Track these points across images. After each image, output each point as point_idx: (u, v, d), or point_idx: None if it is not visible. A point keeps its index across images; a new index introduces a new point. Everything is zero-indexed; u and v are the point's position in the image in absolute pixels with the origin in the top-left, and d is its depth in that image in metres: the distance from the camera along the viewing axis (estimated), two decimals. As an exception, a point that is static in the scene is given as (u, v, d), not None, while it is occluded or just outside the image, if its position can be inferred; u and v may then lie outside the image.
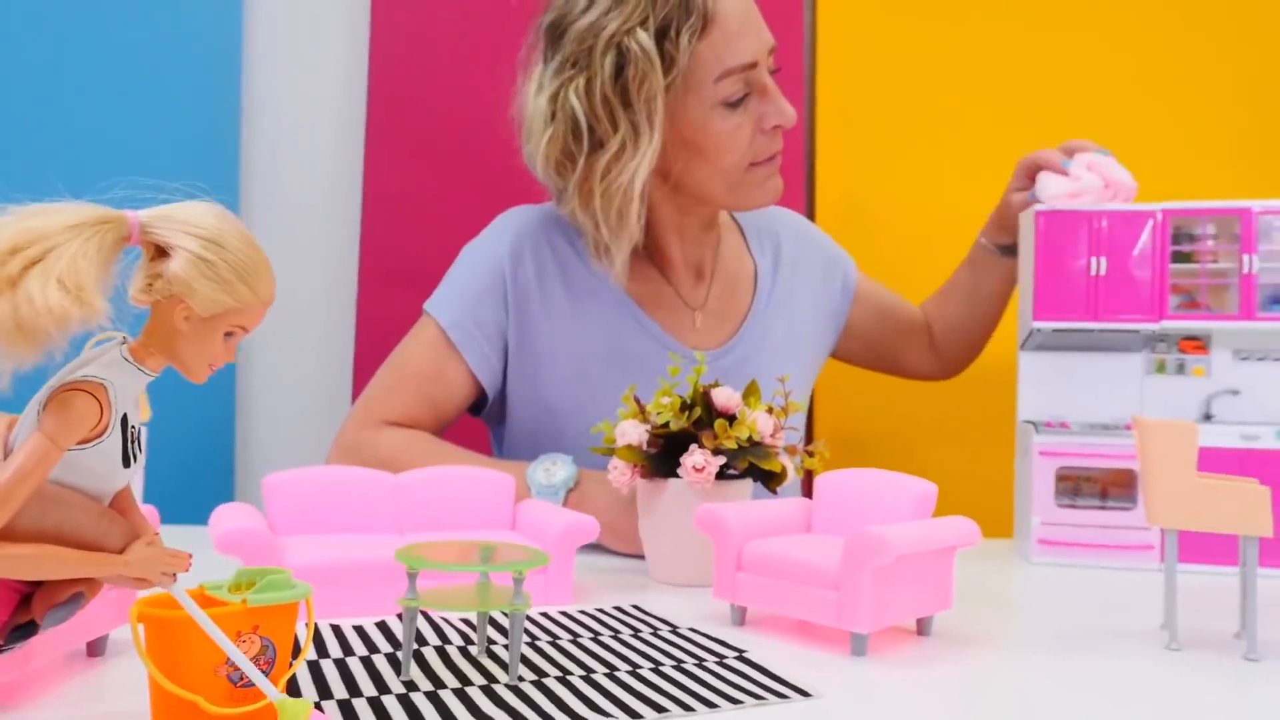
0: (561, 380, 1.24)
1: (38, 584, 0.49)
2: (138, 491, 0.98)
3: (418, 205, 1.63)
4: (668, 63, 1.14)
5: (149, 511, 0.71)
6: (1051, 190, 1.20)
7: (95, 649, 0.69)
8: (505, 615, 0.81)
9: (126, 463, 0.49)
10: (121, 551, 0.48)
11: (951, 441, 1.60)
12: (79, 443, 0.46)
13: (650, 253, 1.30)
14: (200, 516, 1.23)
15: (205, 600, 0.56)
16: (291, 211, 1.67)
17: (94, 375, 0.46)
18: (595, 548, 1.11)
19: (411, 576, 0.65)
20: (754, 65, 1.17)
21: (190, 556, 0.51)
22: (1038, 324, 1.17)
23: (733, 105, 1.18)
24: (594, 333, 1.25)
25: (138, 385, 0.48)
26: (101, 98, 1.54)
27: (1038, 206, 1.19)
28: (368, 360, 1.62)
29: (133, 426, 0.48)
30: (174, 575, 0.50)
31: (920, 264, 1.58)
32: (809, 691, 0.64)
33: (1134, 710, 0.64)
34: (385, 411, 1.24)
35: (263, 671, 0.54)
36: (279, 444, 1.67)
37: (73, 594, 0.49)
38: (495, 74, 1.63)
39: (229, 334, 0.49)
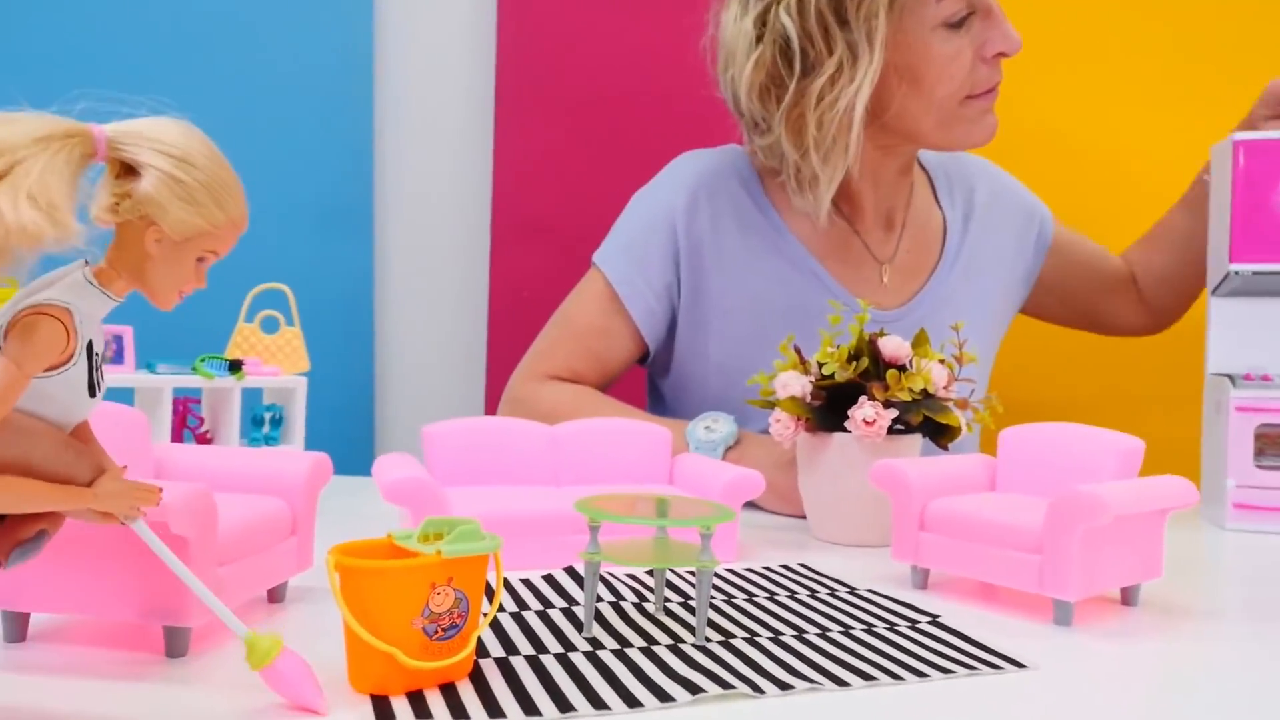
0: (733, 338, 1.19)
1: (1, 517, 0.46)
2: (297, 442, 0.98)
3: (549, 157, 1.60)
4: None
5: (322, 460, 0.71)
6: None
7: (275, 595, 0.68)
8: (686, 572, 0.78)
9: (92, 391, 0.46)
10: (89, 485, 0.45)
11: (1121, 397, 1.50)
12: (45, 370, 0.43)
13: (839, 200, 1.20)
14: (344, 467, 1.25)
15: (395, 550, 0.54)
16: (424, 165, 1.66)
17: (58, 299, 0.43)
18: (748, 504, 1.07)
19: (594, 529, 0.62)
20: None
21: (161, 490, 0.48)
22: (1234, 266, 1.06)
23: (954, 26, 1.08)
24: (770, 288, 1.19)
25: (102, 310, 0.45)
26: (236, 63, 1.55)
27: (1238, 135, 1.08)
28: (502, 312, 1.61)
29: (97, 354, 0.46)
30: (141, 510, 0.48)
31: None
32: (1023, 663, 0.59)
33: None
34: (550, 366, 1.22)
35: (455, 625, 0.52)
36: (417, 395, 1.69)
37: (37, 531, 0.46)
38: (626, 21, 1.59)
39: (200, 259, 0.46)
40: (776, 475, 1.02)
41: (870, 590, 0.76)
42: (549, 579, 0.76)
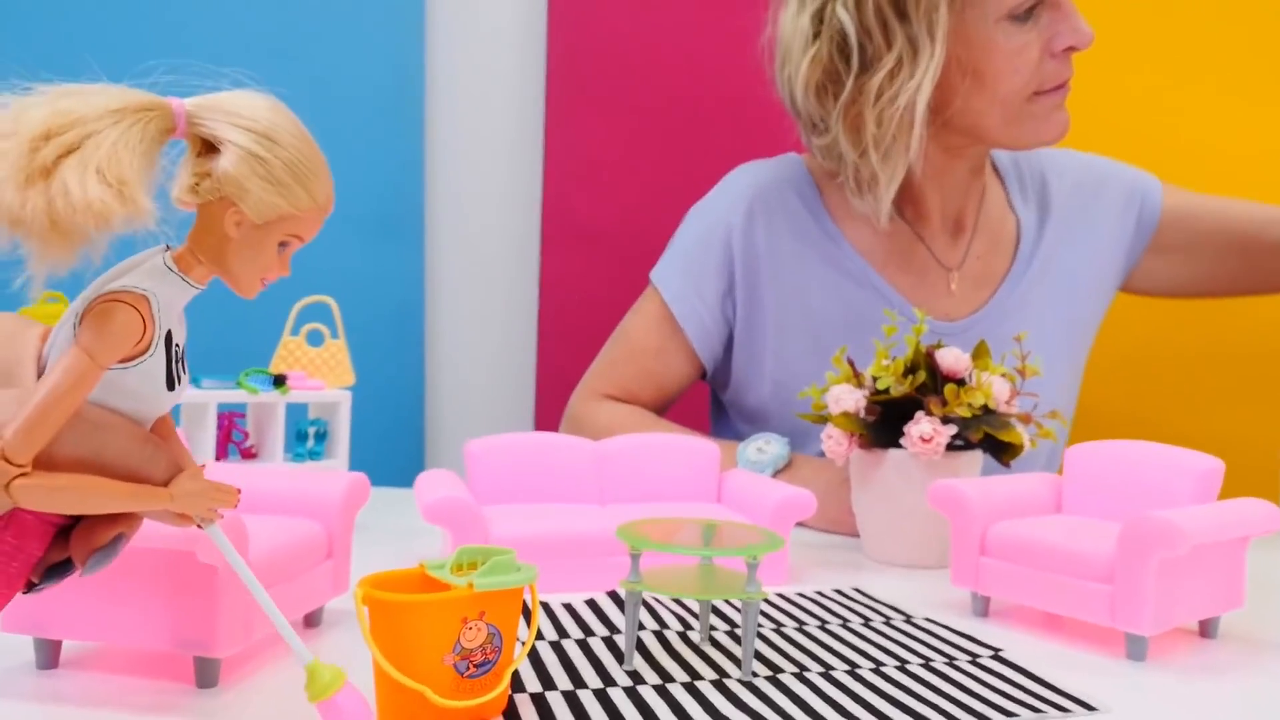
0: (790, 353, 1.16)
1: (76, 519, 0.43)
2: (341, 457, 0.97)
3: (599, 162, 1.58)
4: None
5: (359, 481, 0.69)
6: None
7: (312, 620, 0.67)
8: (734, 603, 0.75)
9: (171, 385, 0.42)
10: (166, 484, 0.42)
11: (1187, 404, 1.43)
12: (120, 361, 0.40)
13: (901, 204, 1.15)
14: (393, 478, 1.24)
15: (428, 582, 0.52)
16: (474, 171, 1.65)
17: (135, 286, 0.40)
18: (799, 523, 1.04)
19: (634, 557, 0.60)
20: None
21: (239, 492, 0.45)
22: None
23: (1020, 19, 1.04)
24: (826, 301, 1.15)
25: (183, 298, 0.42)
26: (290, 73, 1.56)
27: None
28: (552, 319, 1.60)
29: (177, 345, 0.42)
30: (220, 513, 0.44)
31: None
32: (1093, 704, 0.55)
33: None
34: (607, 385, 1.20)
35: (489, 661, 0.50)
36: (467, 404, 1.68)
37: (115, 535, 0.43)
38: (679, 23, 1.56)
39: (283, 243, 0.42)
40: (828, 498, 0.98)
41: (928, 619, 0.72)
42: (591, 604, 0.74)
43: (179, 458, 0.43)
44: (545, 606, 0.73)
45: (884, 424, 0.90)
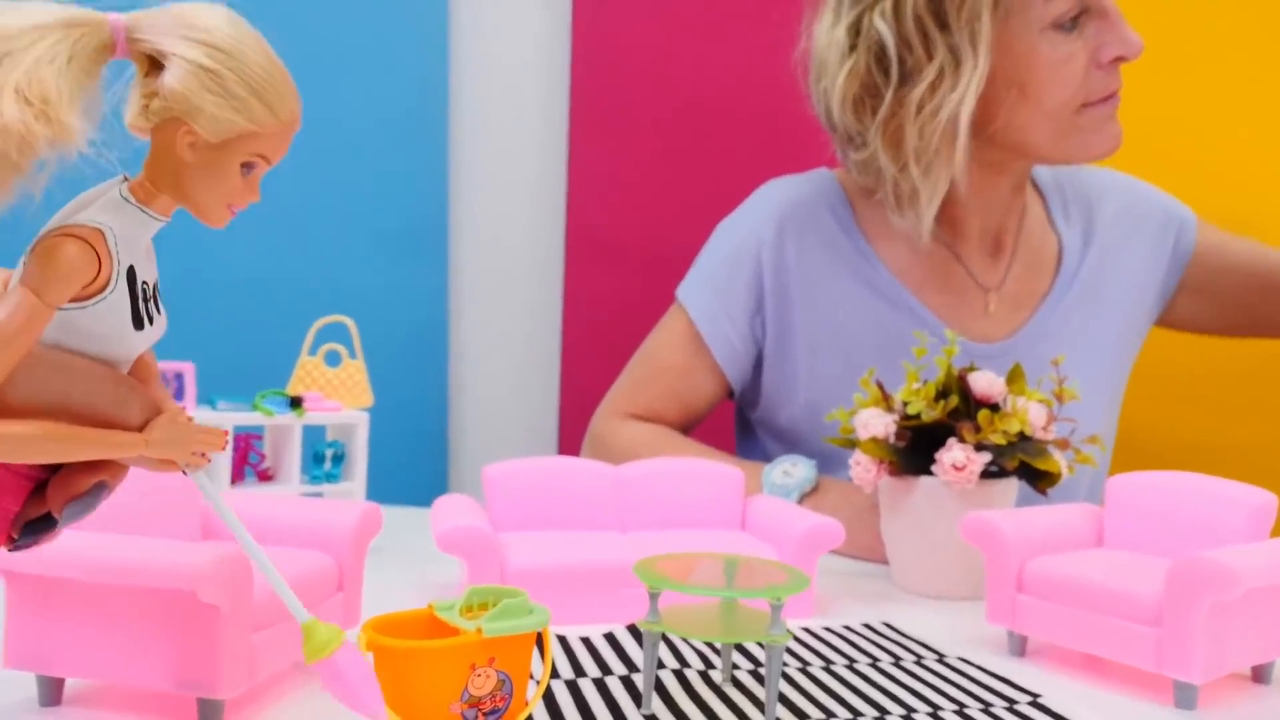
0: (821, 375, 1.12)
1: (53, 470, 0.40)
2: (359, 480, 0.96)
3: (624, 178, 1.56)
4: None
5: (371, 511, 0.67)
6: None
7: (321, 655, 0.65)
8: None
9: (139, 324, 0.39)
10: (142, 428, 0.39)
11: (1233, 428, 1.38)
12: (75, 300, 0.37)
13: (939, 222, 1.11)
14: (416, 498, 1.23)
15: (436, 625, 0.50)
16: (498, 187, 1.64)
17: (89, 220, 0.37)
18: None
19: (653, 596, 0.57)
20: None
21: (227, 434, 0.41)
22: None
23: (1065, 28, 1.00)
24: (859, 321, 1.12)
25: (146, 232, 0.39)
26: (311, 83, 1.55)
27: None
28: (576, 336, 1.58)
29: (144, 282, 0.39)
30: (206, 456, 0.41)
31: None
32: (1140, 761, 0.52)
33: None
34: (631, 404, 1.17)
35: (498, 709, 0.48)
36: (490, 421, 1.66)
37: (94, 484, 0.40)
38: (704, 35, 1.54)
39: (247, 164, 0.39)
40: (856, 525, 0.95)
41: (961, 659, 0.69)
42: (609, 638, 0.71)
43: (159, 399, 0.40)
44: (562, 641, 0.70)
45: (914, 450, 0.87)
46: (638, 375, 1.19)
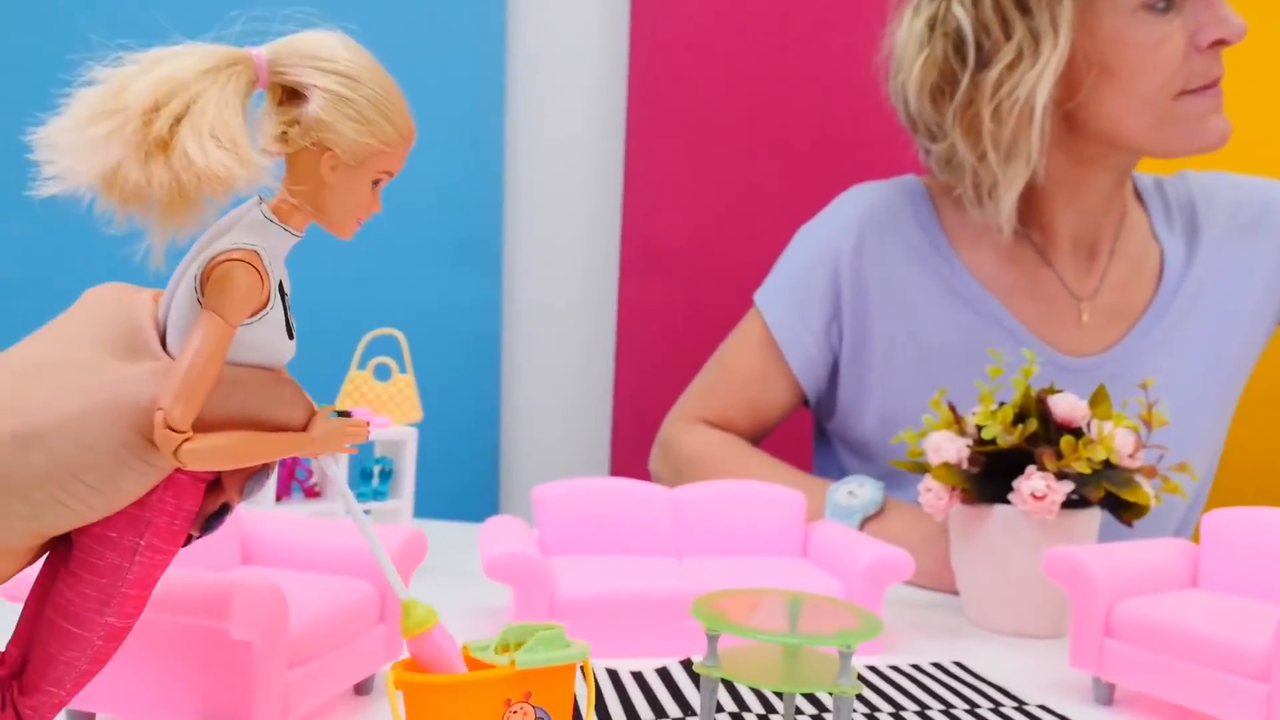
0: (899, 387, 1.08)
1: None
2: (406, 497, 0.93)
3: (682, 186, 1.52)
4: None
5: (416, 538, 0.64)
6: None
7: (362, 688, 0.62)
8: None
9: (290, 333, 0.42)
10: (305, 427, 0.41)
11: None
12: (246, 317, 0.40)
13: (1028, 226, 1.08)
14: (469, 513, 1.20)
15: (471, 664, 0.46)
16: (553, 197, 1.62)
17: (242, 242, 0.39)
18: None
19: (711, 638, 0.53)
20: None
21: (369, 424, 0.44)
22: None
23: (1159, 9, 0.95)
24: (941, 331, 1.07)
25: (285, 247, 0.41)
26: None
27: None
28: (629, 349, 1.55)
29: (287, 294, 0.41)
30: (355, 447, 0.44)
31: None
32: (1255, 839, 0.47)
33: None
34: (702, 409, 1.15)
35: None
36: (543, 435, 1.64)
37: (220, 504, 0.42)
38: (768, 38, 1.50)
39: (375, 181, 0.41)
40: (925, 550, 0.90)
41: (1042, 707, 0.64)
42: (663, 674, 0.67)
43: (308, 396, 0.43)
44: (613, 675, 0.67)
45: (989, 476, 0.82)
46: (710, 380, 1.16)
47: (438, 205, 1.53)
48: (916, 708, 0.63)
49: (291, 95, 0.39)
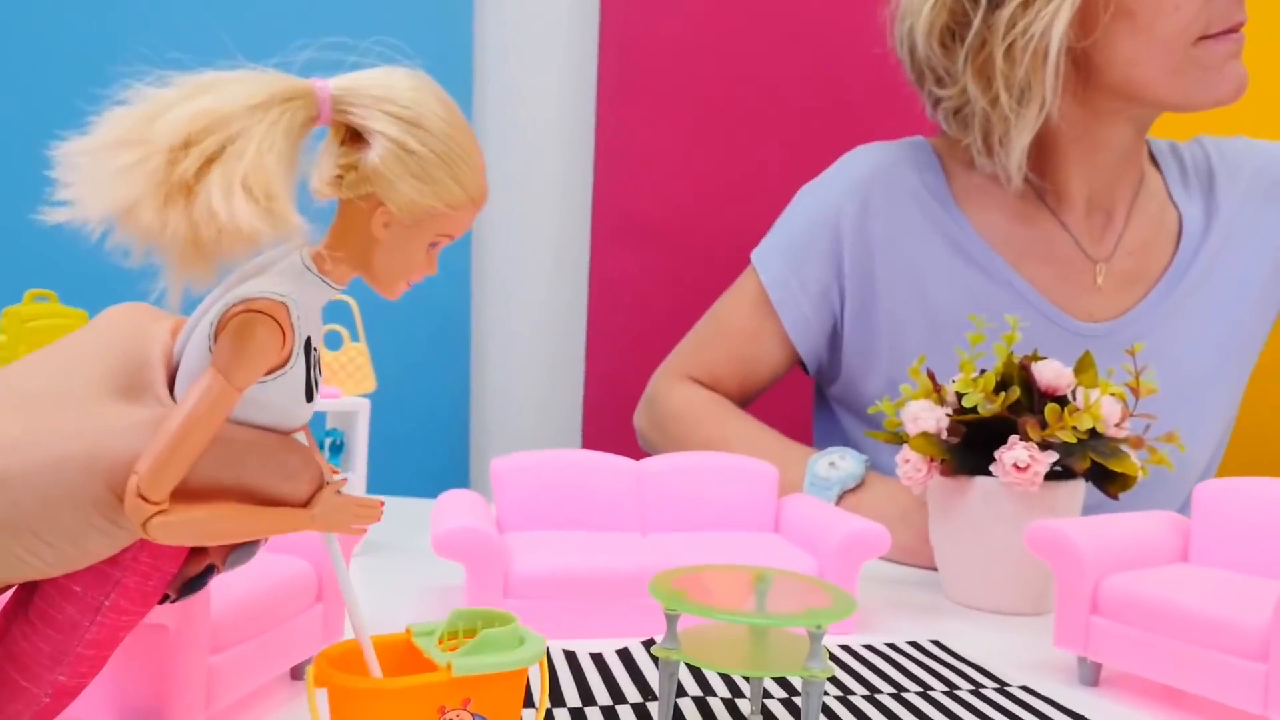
0: (906, 352, 1.04)
1: None
2: (358, 470, 0.89)
3: (655, 157, 1.47)
4: None
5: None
6: None
7: (299, 673, 0.58)
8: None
9: (309, 396, 0.37)
10: (308, 502, 0.36)
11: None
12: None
13: (1041, 185, 1.05)
14: (437, 488, 1.16)
15: (410, 656, 0.42)
16: (523, 166, 1.56)
17: (272, 292, 0.34)
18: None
19: (671, 618, 0.49)
20: None
21: (383, 504, 0.39)
22: None
23: None
24: (948, 295, 1.04)
25: (320, 301, 0.36)
26: (330, 62, 1.48)
27: None
28: (601, 321, 1.50)
29: (315, 350, 0.37)
30: (364, 529, 0.38)
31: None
32: (1254, 831, 0.43)
33: None
34: (690, 366, 1.12)
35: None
36: (513, 408, 1.59)
37: (205, 566, 0.38)
38: (736, 14, 1.45)
39: (433, 243, 0.36)
40: (901, 526, 0.86)
41: (1024, 688, 0.60)
42: (624, 654, 0.64)
43: (319, 466, 0.37)
44: (570, 658, 0.63)
45: (969, 447, 0.78)
46: (701, 336, 1.14)
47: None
48: (892, 690, 0.59)
49: (355, 136, 0.35)
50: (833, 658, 0.64)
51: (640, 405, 1.17)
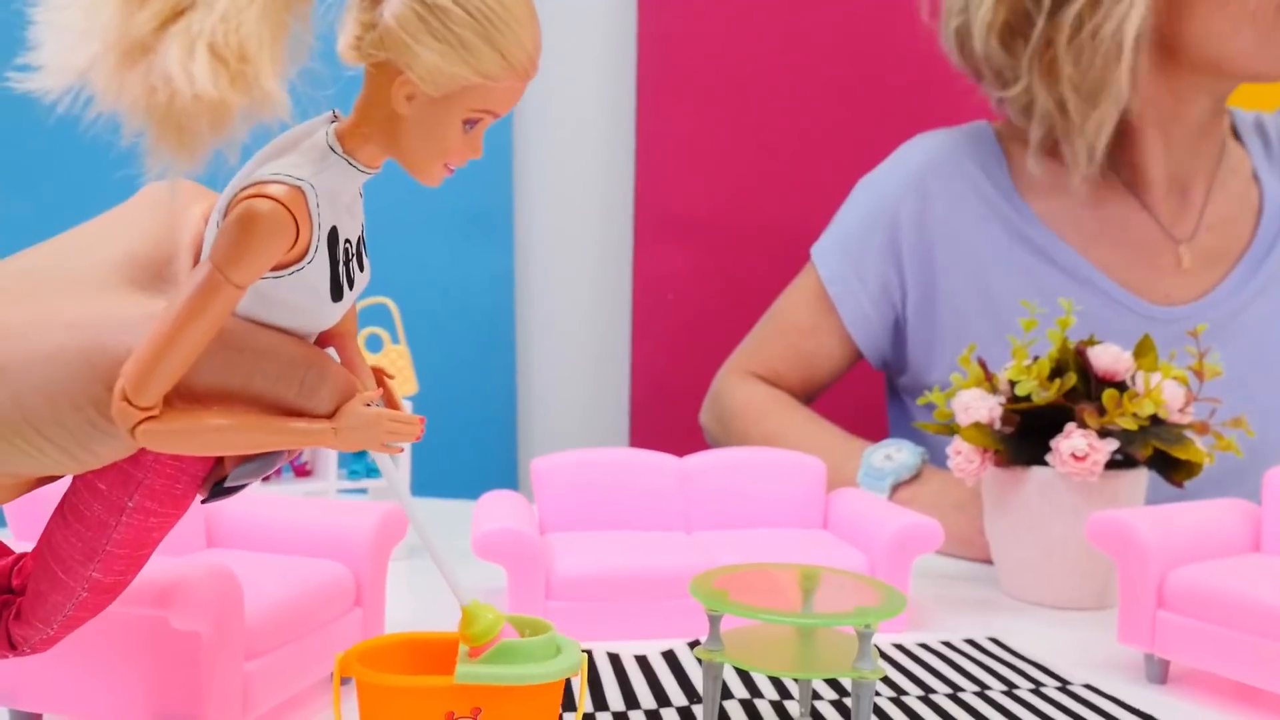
0: (971, 341, 1.03)
1: None
2: (401, 473, 0.88)
3: (697, 151, 1.45)
4: None
5: (391, 515, 0.59)
6: None
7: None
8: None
9: (337, 294, 0.32)
10: (331, 414, 0.32)
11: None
12: (270, 269, 0.31)
13: (1116, 165, 1.01)
14: (485, 489, 1.16)
15: (444, 653, 0.41)
16: (564, 164, 1.56)
17: (289, 175, 0.30)
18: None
19: (713, 620, 0.48)
20: None
21: (423, 421, 0.34)
22: None
23: None
24: (1012, 284, 1.01)
25: (350, 185, 0.32)
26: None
27: None
28: (646, 319, 1.49)
29: (347, 241, 0.32)
30: (400, 446, 0.34)
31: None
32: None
33: None
34: (753, 363, 1.12)
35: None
36: (560, 407, 1.59)
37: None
38: (779, 3, 1.42)
39: (470, 120, 0.31)
40: (956, 517, 0.84)
41: (1088, 686, 0.58)
42: (669, 657, 0.62)
43: (354, 379, 0.33)
44: (614, 659, 0.61)
45: (1024, 437, 0.75)
46: (763, 333, 1.13)
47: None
48: (948, 689, 0.57)
49: None
50: (885, 657, 0.62)
51: (705, 403, 1.17)
